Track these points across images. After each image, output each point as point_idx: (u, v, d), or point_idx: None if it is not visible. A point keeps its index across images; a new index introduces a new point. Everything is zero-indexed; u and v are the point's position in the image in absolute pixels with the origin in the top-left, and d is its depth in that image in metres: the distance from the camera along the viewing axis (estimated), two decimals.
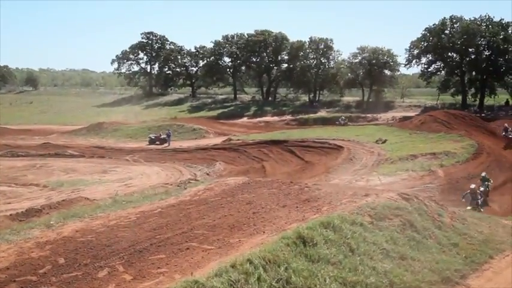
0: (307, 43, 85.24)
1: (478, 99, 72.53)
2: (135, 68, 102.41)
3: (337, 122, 60.37)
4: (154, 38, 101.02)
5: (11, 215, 22.29)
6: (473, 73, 73.46)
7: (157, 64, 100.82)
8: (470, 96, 73.96)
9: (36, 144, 48.93)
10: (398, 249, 10.62)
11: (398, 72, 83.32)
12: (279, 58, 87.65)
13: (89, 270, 8.87)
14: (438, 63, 76.30)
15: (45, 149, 45.65)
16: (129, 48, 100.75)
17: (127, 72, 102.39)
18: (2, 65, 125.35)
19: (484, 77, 71.82)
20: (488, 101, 72.98)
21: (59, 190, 28.17)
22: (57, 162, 38.95)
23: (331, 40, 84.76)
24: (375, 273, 9.31)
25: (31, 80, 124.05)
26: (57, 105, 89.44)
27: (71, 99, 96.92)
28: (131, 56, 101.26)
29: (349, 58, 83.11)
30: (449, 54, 74.74)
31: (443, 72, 77.06)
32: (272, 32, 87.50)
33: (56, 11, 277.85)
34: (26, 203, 24.77)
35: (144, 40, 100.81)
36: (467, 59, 73.16)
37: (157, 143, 48.73)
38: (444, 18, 75.15)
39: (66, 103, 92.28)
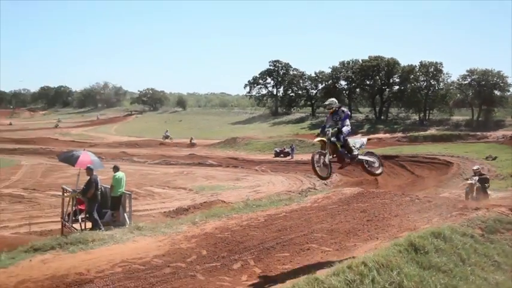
0: (418, 67, 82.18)
1: None
2: (264, 91, 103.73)
3: None
4: (279, 65, 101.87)
5: (165, 212, 23.55)
6: None
7: (282, 87, 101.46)
8: None
9: (184, 155, 50.94)
10: (511, 262, 9.96)
11: (509, 92, 77.56)
12: (391, 81, 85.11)
13: (225, 262, 9.14)
14: None
15: (191, 159, 47.57)
16: (259, 74, 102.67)
17: (257, 94, 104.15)
18: (159, 90, 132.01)
19: None
20: None
21: (201, 193, 29.24)
22: (200, 170, 40.48)
23: (441, 63, 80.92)
24: (486, 284, 8.70)
25: (181, 102, 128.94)
26: (200, 123, 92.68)
27: (211, 118, 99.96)
28: (260, 81, 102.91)
29: (458, 80, 79.06)
30: None
31: None
32: (384, 58, 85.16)
33: (199, 47, 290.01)
34: (176, 203, 26.00)
35: (271, 67, 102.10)
36: None
37: (282, 155, 49.04)
38: None
39: (207, 121, 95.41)
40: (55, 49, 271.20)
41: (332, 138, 9.55)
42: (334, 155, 9.75)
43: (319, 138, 9.73)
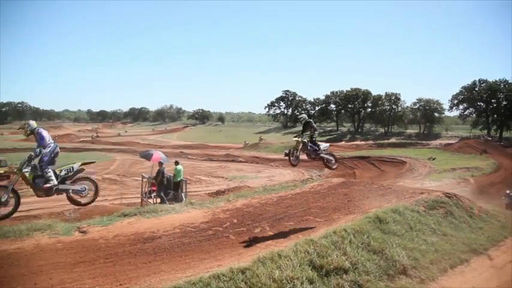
0: (384, 96, 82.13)
1: (498, 133, 66.27)
2: (278, 111, 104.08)
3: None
4: (289, 93, 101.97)
5: (209, 193, 23.71)
6: (495, 116, 67.85)
7: (291, 109, 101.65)
8: (493, 131, 67.89)
9: (222, 154, 51.23)
10: (442, 229, 9.83)
11: (444, 114, 78.32)
12: (365, 105, 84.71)
13: (250, 228, 9.16)
14: (470, 109, 71.55)
15: (226, 157, 47.78)
16: (275, 99, 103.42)
17: (273, 113, 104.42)
18: (206, 109, 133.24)
19: (503, 118, 66.10)
20: (505, 134, 66.00)
21: (234, 181, 29.35)
22: (233, 165, 40.63)
23: (399, 94, 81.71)
24: (425, 243, 8.73)
25: (221, 118, 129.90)
26: (234, 133, 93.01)
27: (241, 129, 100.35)
28: (276, 104, 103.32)
29: (411, 105, 79.89)
30: (478, 103, 69.83)
31: (474, 115, 71.86)
32: (361, 89, 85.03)
33: (234, 79, 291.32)
34: (216, 187, 26.17)
35: (283, 94, 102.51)
36: (491, 106, 67.95)
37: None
38: (474, 80, 71.14)
39: (239, 131, 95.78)
40: (139, 80, 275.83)
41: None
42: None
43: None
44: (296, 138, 9.97)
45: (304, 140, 9.90)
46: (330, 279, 6.63)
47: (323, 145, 10.32)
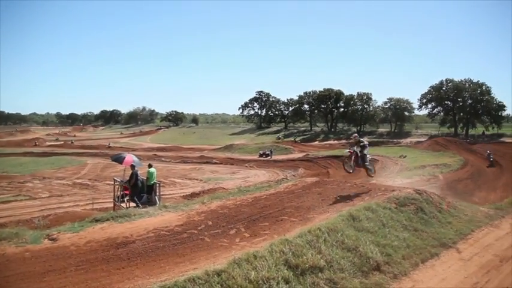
0: (356, 96, 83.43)
1: (464, 130, 68.58)
2: (252, 112, 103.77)
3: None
4: (263, 94, 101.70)
5: (183, 195, 23.43)
6: (461, 114, 70.04)
7: (264, 109, 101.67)
8: (459, 129, 70.16)
9: (196, 156, 50.80)
10: (413, 225, 10.10)
11: (413, 113, 79.90)
12: (338, 105, 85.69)
13: (225, 229, 9.12)
14: (439, 108, 73.23)
15: (201, 159, 47.33)
16: (249, 100, 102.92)
17: (247, 114, 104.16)
18: (180, 111, 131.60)
19: (468, 116, 68.46)
20: (471, 131, 68.45)
21: (208, 183, 29.11)
22: (208, 167, 40.30)
23: (371, 93, 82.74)
24: (397, 239, 8.94)
25: (194, 119, 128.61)
26: (208, 134, 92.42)
27: (215, 131, 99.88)
28: (250, 105, 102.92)
29: (382, 104, 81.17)
30: (446, 102, 71.63)
31: (442, 113, 73.82)
32: (334, 89, 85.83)
33: (207, 80, 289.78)
34: (191, 189, 25.81)
35: (257, 95, 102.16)
36: (457, 105, 69.91)
37: (264, 156, 48.95)
38: (442, 80, 72.93)
39: (213, 133, 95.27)
40: (110, 82, 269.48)
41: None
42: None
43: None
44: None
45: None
46: (305, 278, 6.69)
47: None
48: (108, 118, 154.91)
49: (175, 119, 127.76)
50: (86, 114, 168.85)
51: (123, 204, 14.86)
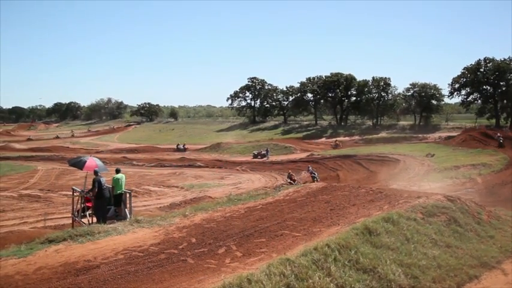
0: (370, 81, 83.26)
1: (509, 122, 67.93)
2: (243, 103, 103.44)
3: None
4: (256, 81, 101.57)
5: (160, 207, 23.38)
6: (505, 101, 69.14)
7: (259, 100, 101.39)
8: (502, 119, 69.37)
9: (176, 158, 50.65)
10: (445, 240, 10.16)
11: (443, 102, 79.29)
12: (349, 93, 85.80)
13: (212, 247, 9.12)
14: (475, 94, 72.13)
15: (182, 161, 47.29)
16: (239, 89, 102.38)
17: (237, 106, 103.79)
18: (154, 104, 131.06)
19: None
20: None
21: (191, 190, 29.07)
22: (190, 171, 40.28)
23: (389, 78, 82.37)
24: (425, 257, 8.96)
25: (173, 113, 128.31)
26: (190, 131, 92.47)
27: (199, 127, 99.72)
28: (240, 95, 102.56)
29: (403, 92, 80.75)
30: (484, 87, 70.42)
31: (479, 101, 72.85)
32: (343, 74, 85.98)
33: (188, 66, 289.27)
34: (170, 199, 25.79)
35: (249, 83, 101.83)
36: (499, 90, 68.86)
37: (259, 157, 48.93)
38: (479, 59, 71.29)
39: (196, 129, 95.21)
40: (66, 69, 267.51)
41: None
42: None
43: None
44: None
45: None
46: None
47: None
48: (64, 113, 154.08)
49: (149, 113, 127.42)
50: (35, 108, 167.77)
51: (85, 220, 14.75)
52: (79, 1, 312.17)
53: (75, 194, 16.34)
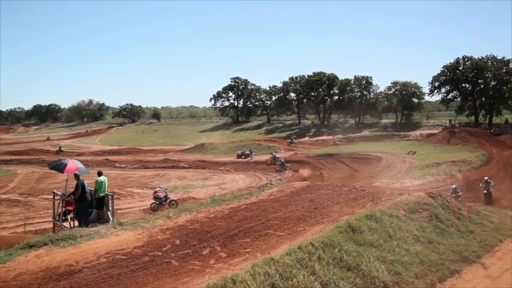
0: (353, 80, 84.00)
1: (487, 119, 69.48)
2: (226, 103, 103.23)
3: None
4: (239, 81, 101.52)
5: (143, 209, 23.31)
6: (483, 99, 70.34)
7: (242, 100, 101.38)
8: (481, 117, 70.82)
9: (160, 159, 50.45)
10: (426, 236, 10.35)
11: (424, 100, 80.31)
12: (331, 92, 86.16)
13: (196, 249, 9.12)
14: (454, 92, 73.44)
15: (165, 162, 47.15)
16: (222, 89, 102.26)
17: (221, 106, 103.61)
18: (137, 105, 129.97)
19: (492, 101, 68.81)
20: (496, 120, 69.35)
21: (175, 192, 29.02)
22: (174, 172, 40.19)
23: (371, 77, 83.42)
24: (408, 254, 9.14)
25: (156, 114, 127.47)
26: (173, 132, 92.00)
27: (182, 127, 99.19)
28: (223, 95, 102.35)
29: (385, 90, 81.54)
30: (463, 85, 71.94)
31: (459, 98, 74.25)
32: (326, 73, 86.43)
33: (170, 67, 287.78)
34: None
35: (232, 83, 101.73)
36: (478, 88, 70.27)
37: (243, 157, 49.02)
38: (458, 58, 72.76)
39: (179, 130, 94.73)
40: (45, 71, 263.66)
41: None
42: None
43: None
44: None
45: None
46: None
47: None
48: (44, 115, 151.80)
49: (131, 114, 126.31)
50: (13, 111, 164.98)
51: (66, 224, 14.62)
52: (58, 2, 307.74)
53: (56, 197, 16.19)
